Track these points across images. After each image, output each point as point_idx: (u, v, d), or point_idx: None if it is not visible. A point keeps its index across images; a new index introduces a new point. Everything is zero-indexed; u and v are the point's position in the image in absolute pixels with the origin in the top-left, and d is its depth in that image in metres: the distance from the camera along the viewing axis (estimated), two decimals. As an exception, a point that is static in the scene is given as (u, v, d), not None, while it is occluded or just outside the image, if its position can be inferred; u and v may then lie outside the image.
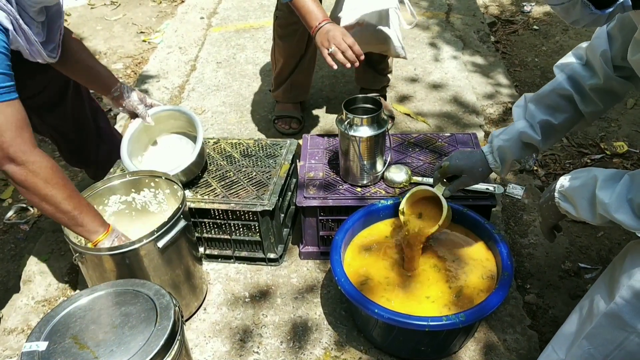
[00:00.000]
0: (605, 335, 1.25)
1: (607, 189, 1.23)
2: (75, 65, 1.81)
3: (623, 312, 1.20)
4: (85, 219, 1.53)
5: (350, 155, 1.85)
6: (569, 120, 1.52)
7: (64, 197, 1.47)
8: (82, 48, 1.86)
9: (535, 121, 1.52)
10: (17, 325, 1.90)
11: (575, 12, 1.08)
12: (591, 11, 1.06)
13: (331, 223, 1.90)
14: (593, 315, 1.28)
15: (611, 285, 1.26)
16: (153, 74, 3.23)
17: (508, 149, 1.55)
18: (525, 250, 2.02)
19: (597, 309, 1.27)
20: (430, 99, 2.80)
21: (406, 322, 1.44)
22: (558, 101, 1.50)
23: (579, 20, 1.10)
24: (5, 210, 2.57)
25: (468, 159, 1.62)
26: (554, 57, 3.39)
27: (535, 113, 1.52)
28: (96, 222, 1.56)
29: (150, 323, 1.31)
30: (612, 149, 2.64)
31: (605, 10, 1.06)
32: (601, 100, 1.46)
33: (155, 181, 1.82)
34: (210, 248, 2.00)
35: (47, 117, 1.99)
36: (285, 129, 2.62)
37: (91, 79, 1.87)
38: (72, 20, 4.26)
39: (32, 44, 1.49)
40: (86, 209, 1.54)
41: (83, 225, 1.53)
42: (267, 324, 1.79)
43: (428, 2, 3.76)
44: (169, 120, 2.02)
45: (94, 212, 1.57)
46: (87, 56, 1.86)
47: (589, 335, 1.28)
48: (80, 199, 1.54)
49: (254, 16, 3.79)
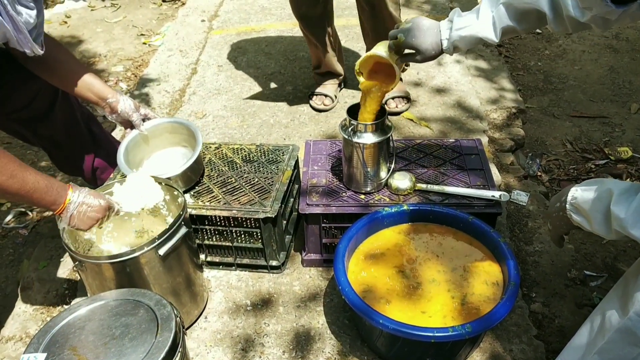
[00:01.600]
0: (618, 351, 1.22)
1: (622, 204, 1.19)
2: (65, 76, 1.77)
3: (637, 329, 1.18)
4: (35, 195, 1.43)
5: (354, 162, 1.82)
6: (532, 28, 1.49)
7: (6, 179, 1.37)
8: (69, 57, 1.81)
9: (500, 25, 1.46)
10: (15, 333, 1.88)
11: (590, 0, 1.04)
12: (607, 3, 1.03)
13: (334, 230, 1.88)
14: (605, 330, 1.25)
15: (624, 300, 1.24)
16: (153, 77, 3.20)
17: (464, 43, 1.52)
18: (531, 258, 1.99)
19: (610, 324, 1.24)
20: (433, 103, 2.78)
21: (412, 333, 1.41)
22: (530, 13, 1.43)
23: (593, 7, 1.07)
24: (4, 214, 2.55)
25: (424, 39, 1.55)
26: (557, 61, 3.37)
27: (504, 17, 1.46)
28: (50, 194, 1.45)
29: (151, 334, 1.29)
30: (616, 155, 2.62)
31: (621, 7, 1.03)
32: (573, 28, 1.38)
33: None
34: (211, 255, 1.98)
35: (38, 128, 1.95)
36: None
37: (83, 88, 1.81)
38: (72, 22, 4.24)
39: (20, 32, 1.42)
40: (33, 185, 1.42)
41: (38, 202, 1.45)
42: (269, 333, 1.76)
43: (430, 5, 3.74)
44: (165, 134, 1.99)
45: (43, 184, 1.44)
46: (76, 65, 1.82)
47: (601, 351, 1.25)
48: (26, 176, 1.41)
49: (255, 19, 3.77)
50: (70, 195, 1.50)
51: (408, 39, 1.56)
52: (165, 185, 1.77)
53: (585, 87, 3.13)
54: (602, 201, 1.25)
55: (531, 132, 2.82)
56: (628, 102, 2.97)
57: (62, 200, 1.48)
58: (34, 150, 2.87)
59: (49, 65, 1.73)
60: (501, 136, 2.58)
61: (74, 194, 1.50)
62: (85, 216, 1.52)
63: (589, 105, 2.99)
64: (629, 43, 3.49)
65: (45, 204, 1.46)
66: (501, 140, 2.55)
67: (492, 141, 2.55)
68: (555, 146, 2.73)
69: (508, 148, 2.53)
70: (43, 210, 2.55)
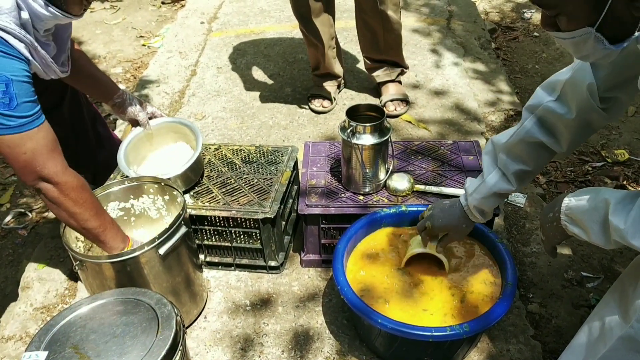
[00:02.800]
0: (620, 359, 1.22)
1: (620, 213, 1.16)
2: (77, 73, 1.80)
3: (639, 336, 1.17)
4: (108, 235, 1.58)
5: (353, 163, 1.84)
6: (543, 162, 1.47)
7: (90, 216, 1.54)
8: (83, 56, 1.86)
9: (509, 172, 1.45)
10: (15, 332, 1.88)
11: (586, 48, 1.02)
12: (604, 46, 1.00)
13: (333, 231, 1.89)
14: (606, 338, 1.24)
15: (624, 306, 1.23)
16: (153, 79, 3.21)
17: (485, 204, 1.50)
18: (528, 259, 2.01)
19: (611, 331, 1.23)
20: (431, 105, 2.79)
21: (410, 333, 1.43)
22: (529, 150, 1.43)
23: (590, 55, 1.04)
24: (4, 215, 2.56)
25: (450, 217, 1.57)
26: (555, 63, 3.39)
27: (508, 164, 1.45)
28: (118, 238, 1.61)
29: (152, 333, 1.30)
30: (613, 157, 2.64)
31: (619, 45, 1.02)
32: (577, 135, 1.38)
33: (154, 187, 1.81)
34: (210, 255, 1.99)
35: None
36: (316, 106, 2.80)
37: (93, 86, 1.88)
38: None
39: (48, 67, 1.53)
40: (110, 226, 1.60)
41: (105, 242, 1.59)
42: (268, 333, 1.77)
43: (429, 8, 3.76)
44: (169, 132, 2.01)
45: (116, 228, 1.62)
46: (88, 63, 1.87)
47: (603, 358, 1.25)
48: (105, 217, 1.60)
49: (254, 21, 3.78)
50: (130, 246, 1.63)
51: (436, 224, 1.59)
52: (164, 185, 1.78)
53: (582, 90, 3.15)
54: (599, 211, 1.22)
55: (529, 135, 2.84)
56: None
57: (124, 247, 1.62)
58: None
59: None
60: (499, 138, 2.60)
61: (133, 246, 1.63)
62: None
63: (586, 108, 3.01)
64: (625, 46, 3.51)
65: (112, 245, 1.60)
66: (499, 143, 2.57)
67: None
68: (553, 148, 2.75)
69: (506, 150, 2.54)
70: (42, 211, 2.55)
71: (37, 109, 1.44)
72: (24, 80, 1.40)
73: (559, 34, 1.04)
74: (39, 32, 1.46)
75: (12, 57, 1.37)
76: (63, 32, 1.62)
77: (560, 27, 1.03)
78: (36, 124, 1.43)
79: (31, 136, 1.42)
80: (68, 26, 1.65)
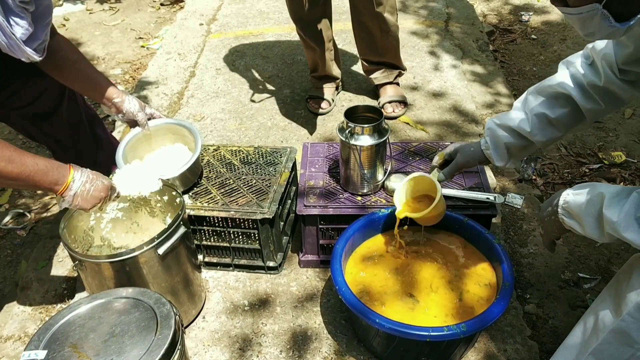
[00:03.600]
0: (612, 352, 1.24)
1: (614, 207, 1.20)
2: (74, 75, 1.80)
3: (631, 329, 1.19)
4: (36, 177, 1.42)
5: (351, 164, 1.84)
6: (567, 116, 1.48)
7: (3, 165, 1.36)
8: (80, 57, 1.84)
9: (531, 112, 1.50)
10: (13, 332, 1.89)
11: (592, 24, 1.04)
12: (610, 24, 1.02)
13: (331, 232, 1.90)
14: (599, 331, 1.27)
15: (617, 301, 1.25)
16: (152, 80, 3.22)
17: (501, 133, 1.55)
18: (525, 260, 2.02)
19: (604, 324, 1.26)
20: (429, 107, 2.80)
21: (407, 332, 1.43)
22: (557, 95, 1.47)
23: (595, 32, 1.06)
24: (2, 215, 2.56)
25: (469, 155, 1.65)
26: (552, 66, 3.41)
27: (532, 104, 1.50)
28: (51, 174, 1.45)
29: (151, 332, 1.30)
30: (610, 159, 2.65)
31: (625, 24, 1.03)
32: (602, 100, 1.42)
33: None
34: (209, 256, 1.99)
35: (42, 125, 1.98)
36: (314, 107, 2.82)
37: (91, 87, 1.85)
38: (70, 25, 4.26)
39: (9, 38, 1.42)
40: (32, 167, 1.42)
41: (40, 184, 1.44)
42: (267, 333, 1.78)
43: (427, 10, 3.77)
44: (168, 134, 2.02)
45: (43, 165, 1.44)
46: (86, 65, 1.84)
47: (595, 351, 1.27)
48: (23, 159, 1.41)
49: (253, 23, 3.79)
50: (73, 174, 1.49)
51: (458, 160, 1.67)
52: (164, 186, 1.79)
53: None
54: (594, 205, 1.25)
55: (526, 136, 2.85)
56: (622, 108, 3.00)
57: (64, 179, 1.47)
58: (33, 146, 2.89)
59: (58, 63, 1.75)
60: (496, 140, 2.61)
61: (76, 172, 1.50)
62: (89, 195, 1.51)
63: (583, 110, 3.02)
64: (623, 49, 3.53)
65: (48, 185, 1.45)
66: (496, 144, 2.58)
67: (487, 145, 2.57)
68: (550, 150, 2.76)
69: (503, 152, 2.55)
70: (41, 212, 2.56)
71: None
72: None
73: (566, 9, 1.07)
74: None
75: None
76: (44, 17, 1.52)
77: (568, 3, 1.05)
78: None
79: None
80: (49, 11, 1.54)
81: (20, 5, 1.41)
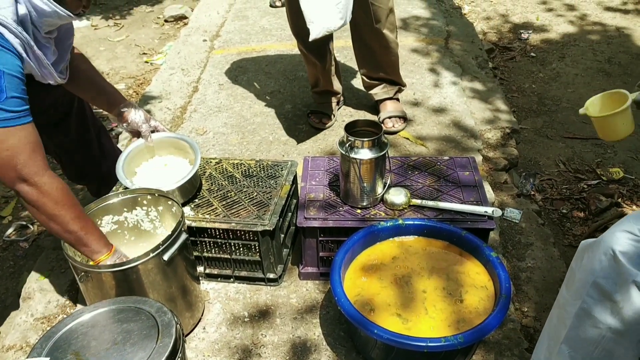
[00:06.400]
0: (582, 336, 1.28)
1: None
2: (83, 83, 1.85)
3: (593, 310, 1.24)
4: (90, 238, 1.57)
5: (351, 177, 1.87)
6: None
7: (71, 218, 1.53)
8: (90, 66, 1.90)
9: None
10: (15, 342, 1.90)
11: None
12: None
13: (331, 244, 1.92)
14: (566, 319, 1.31)
15: (575, 286, 1.29)
16: (155, 95, 3.26)
17: None
18: (523, 274, 2.03)
19: (567, 312, 1.30)
20: (429, 123, 2.84)
21: (405, 343, 1.45)
22: None
23: None
24: (5, 227, 2.58)
25: None
26: (551, 83, 3.45)
27: None
28: (101, 242, 1.60)
29: (152, 340, 1.32)
30: (608, 175, 2.68)
31: None
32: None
33: (147, 199, 1.83)
34: (210, 267, 2.01)
35: (51, 134, 2.02)
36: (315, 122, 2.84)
37: (99, 96, 1.92)
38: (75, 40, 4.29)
39: (44, 68, 1.53)
40: (92, 229, 1.59)
41: (88, 246, 1.58)
42: (266, 344, 1.79)
43: (427, 28, 3.82)
44: (169, 147, 2.04)
45: (99, 232, 1.62)
46: (95, 74, 1.91)
47: (567, 339, 1.31)
48: (87, 220, 1.59)
49: (255, 39, 3.85)
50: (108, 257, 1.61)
51: None
52: (159, 196, 1.80)
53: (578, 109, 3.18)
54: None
55: (525, 152, 2.88)
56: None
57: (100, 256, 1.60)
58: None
59: (70, 72, 1.79)
60: (495, 155, 2.64)
61: (111, 257, 1.61)
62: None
63: (581, 127, 3.06)
64: (621, 67, 3.58)
65: (93, 251, 1.59)
66: (495, 160, 2.61)
67: (486, 160, 2.60)
68: (549, 166, 2.79)
69: (502, 167, 2.58)
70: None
71: (25, 107, 1.43)
72: (16, 75, 1.39)
73: None
74: (40, 32, 1.47)
75: (6, 50, 1.38)
76: (65, 40, 1.63)
77: None
78: (22, 122, 1.42)
79: (15, 133, 1.41)
80: (70, 34, 1.65)
81: (45, 36, 1.50)
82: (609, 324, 1.22)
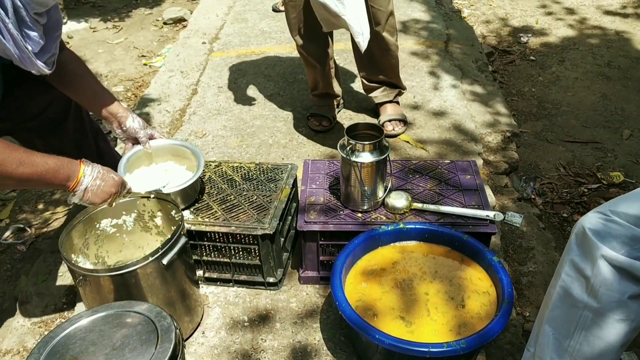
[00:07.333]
0: (562, 316, 1.30)
1: None
2: (80, 88, 1.83)
3: (570, 288, 1.27)
4: (48, 175, 1.45)
5: (352, 181, 1.86)
6: None
7: (15, 167, 1.38)
8: (86, 71, 1.88)
9: None
10: (12, 346, 1.88)
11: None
12: None
13: (331, 248, 1.90)
14: (548, 300, 1.34)
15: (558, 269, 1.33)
16: (154, 97, 3.25)
17: None
18: (525, 279, 2.02)
19: (549, 294, 1.34)
20: (429, 126, 2.83)
21: (407, 349, 1.44)
22: None
23: None
24: (3, 230, 2.56)
25: None
26: (551, 87, 3.44)
27: None
28: (62, 171, 1.47)
29: (151, 345, 1.30)
30: (608, 179, 2.67)
31: None
32: None
33: (147, 202, 1.82)
34: (209, 271, 2.00)
35: (48, 138, 2.00)
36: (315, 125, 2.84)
37: (96, 102, 1.89)
38: (74, 42, 4.30)
39: (21, 50, 1.45)
40: (43, 167, 1.44)
41: (52, 182, 1.47)
42: (266, 349, 1.78)
43: (427, 31, 3.82)
44: (168, 154, 2.03)
45: (53, 163, 1.46)
46: (92, 79, 1.89)
47: (548, 319, 1.33)
48: (33, 159, 1.42)
49: (255, 42, 3.84)
50: (84, 169, 1.52)
51: None
52: (158, 200, 1.79)
53: (578, 113, 3.20)
54: None
55: (525, 156, 2.87)
56: (620, 128, 3.03)
57: (75, 175, 1.50)
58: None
59: (66, 77, 1.78)
60: (496, 159, 2.63)
61: (87, 168, 1.53)
62: (100, 190, 1.55)
63: (581, 130, 3.05)
64: (620, 71, 3.57)
65: (60, 182, 1.48)
66: (496, 163, 2.60)
67: (487, 164, 2.59)
68: (549, 170, 2.78)
69: (502, 171, 2.57)
70: (42, 227, 2.57)
71: None
72: None
73: None
74: (29, 11, 1.40)
75: None
76: (54, 30, 1.57)
77: None
78: None
79: None
80: (58, 26, 1.59)
81: (34, 17, 1.44)
82: (586, 302, 1.25)
